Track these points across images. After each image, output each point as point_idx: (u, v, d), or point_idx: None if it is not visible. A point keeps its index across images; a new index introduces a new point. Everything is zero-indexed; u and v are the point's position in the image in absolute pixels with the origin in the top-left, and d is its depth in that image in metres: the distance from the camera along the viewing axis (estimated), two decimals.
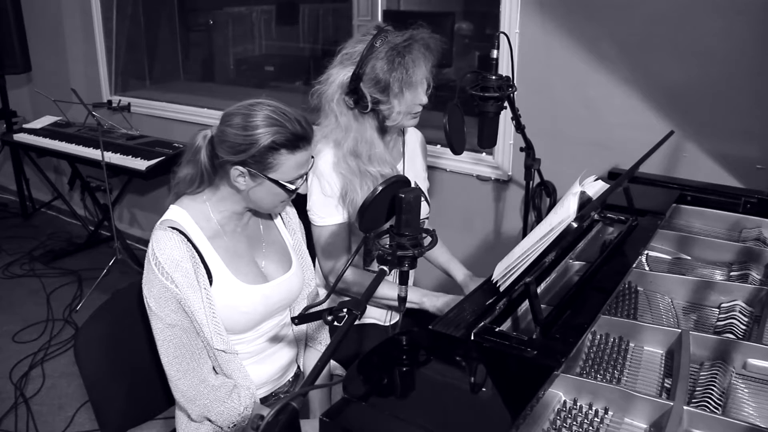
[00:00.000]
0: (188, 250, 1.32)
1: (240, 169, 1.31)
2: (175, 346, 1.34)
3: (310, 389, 0.91)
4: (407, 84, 1.58)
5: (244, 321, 1.41)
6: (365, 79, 1.59)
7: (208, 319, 1.34)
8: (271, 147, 1.29)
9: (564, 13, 2.21)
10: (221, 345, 1.36)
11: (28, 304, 3.32)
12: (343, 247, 1.70)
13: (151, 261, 1.32)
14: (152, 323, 1.35)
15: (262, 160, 1.30)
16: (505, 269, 1.28)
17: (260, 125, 1.28)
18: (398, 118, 1.63)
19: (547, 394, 1.03)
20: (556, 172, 2.13)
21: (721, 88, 1.98)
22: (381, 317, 1.84)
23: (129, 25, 3.99)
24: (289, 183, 1.34)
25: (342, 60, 1.63)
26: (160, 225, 1.35)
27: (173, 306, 1.32)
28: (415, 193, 1.10)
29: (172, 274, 1.30)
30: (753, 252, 1.51)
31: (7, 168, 4.43)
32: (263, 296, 1.42)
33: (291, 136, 1.30)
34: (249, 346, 1.45)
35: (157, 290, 1.31)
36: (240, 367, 1.41)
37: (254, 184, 1.33)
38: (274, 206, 1.42)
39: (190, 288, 1.32)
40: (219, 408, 1.37)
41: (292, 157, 1.31)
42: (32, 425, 2.44)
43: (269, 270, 1.47)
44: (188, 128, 3.56)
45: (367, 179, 1.63)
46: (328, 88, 1.64)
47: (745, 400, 1.06)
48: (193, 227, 1.36)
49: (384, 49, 1.57)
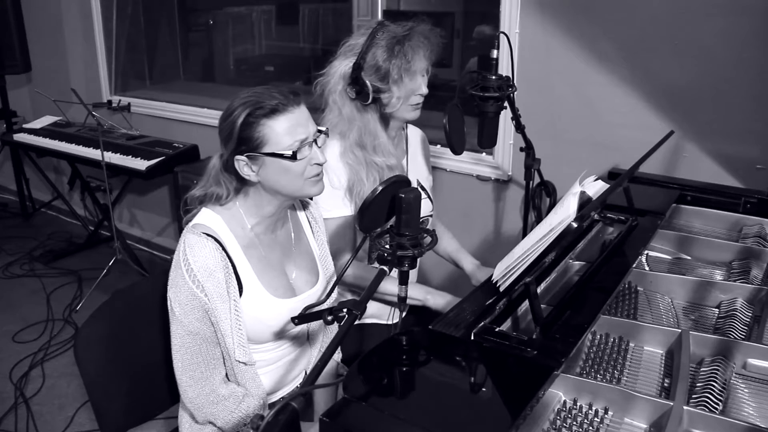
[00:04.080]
0: (222, 260, 1.29)
1: (240, 158, 1.29)
2: (191, 354, 1.32)
3: (310, 389, 0.91)
4: (406, 71, 1.61)
5: (268, 333, 1.39)
6: (366, 68, 1.61)
7: (233, 331, 1.31)
8: (248, 122, 1.26)
9: (564, 13, 2.21)
10: (243, 357, 1.33)
11: (28, 304, 3.32)
12: (349, 240, 1.70)
13: (182, 266, 1.27)
14: (172, 327, 1.32)
15: (250, 138, 1.27)
16: (505, 269, 1.28)
17: (236, 108, 1.28)
18: (397, 104, 1.65)
19: (547, 394, 1.03)
20: (556, 172, 2.13)
21: (721, 88, 1.98)
22: (384, 315, 1.84)
23: (129, 25, 3.99)
24: (288, 150, 1.28)
25: (344, 52, 1.66)
26: (193, 229, 1.30)
27: (199, 314, 1.29)
28: (415, 193, 1.10)
29: (203, 282, 1.27)
30: (753, 251, 1.51)
31: (7, 168, 4.43)
32: (290, 310, 1.38)
33: (266, 105, 1.27)
34: (266, 354, 1.43)
35: (185, 296, 1.28)
36: (254, 377, 1.38)
37: (259, 168, 1.30)
38: (300, 186, 1.32)
39: (219, 298, 1.29)
40: (226, 417, 1.36)
41: (275, 123, 1.27)
42: (32, 425, 2.44)
43: (299, 283, 1.45)
44: (188, 128, 3.56)
45: (373, 170, 1.66)
46: (331, 79, 1.67)
47: (745, 400, 1.06)
48: (227, 235, 1.33)
49: (385, 38, 1.61)
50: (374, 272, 1.11)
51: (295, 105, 1.30)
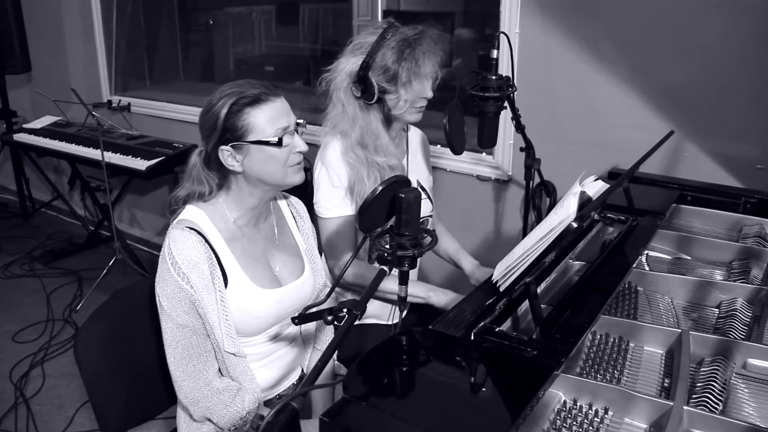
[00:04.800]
0: (206, 252, 1.31)
1: (224, 148, 1.31)
2: (183, 347, 1.33)
3: (310, 389, 0.91)
4: (416, 74, 1.62)
5: (255, 324, 1.41)
6: (374, 68, 1.61)
7: (221, 322, 1.33)
8: (232, 111, 1.30)
9: (564, 13, 2.21)
10: (232, 348, 1.35)
11: (28, 304, 3.32)
12: (349, 240, 1.70)
13: (167, 260, 1.30)
14: (162, 322, 1.34)
15: (234, 128, 1.30)
16: (505, 269, 1.28)
17: (218, 100, 1.31)
18: (404, 107, 1.65)
19: (547, 394, 1.03)
20: (556, 172, 2.13)
21: (721, 88, 1.98)
22: (384, 315, 1.84)
23: (129, 25, 3.99)
24: (272, 138, 1.31)
25: (353, 49, 1.67)
26: (177, 224, 1.33)
27: (186, 307, 1.31)
28: (415, 193, 1.10)
29: (188, 274, 1.29)
30: (753, 251, 1.51)
31: (7, 168, 4.43)
32: (277, 300, 1.42)
33: (247, 95, 1.30)
34: (257, 348, 1.45)
35: (171, 290, 1.30)
36: (247, 370, 1.40)
37: (243, 157, 1.32)
38: (283, 174, 1.35)
39: (205, 290, 1.31)
40: (222, 411, 1.37)
41: (258, 112, 1.30)
42: (32, 425, 2.44)
43: (283, 275, 1.47)
44: (188, 128, 3.56)
45: (374, 170, 1.66)
46: (337, 76, 1.67)
47: (745, 400, 1.06)
48: (210, 228, 1.35)
49: (395, 40, 1.61)
50: (374, 271, 1.11)
51: (276, 96, 1.34)
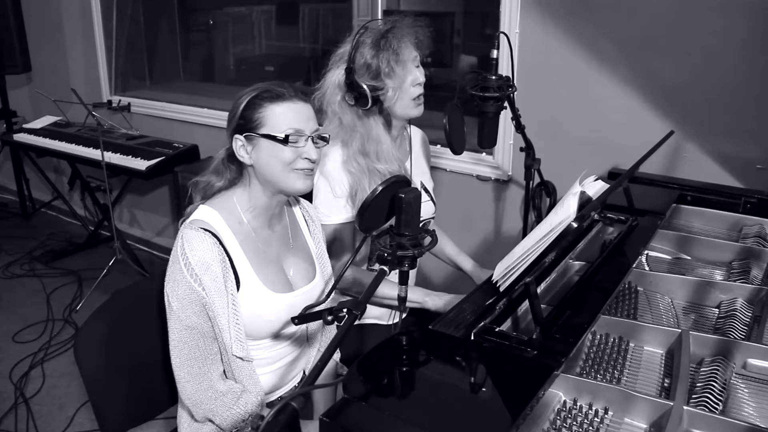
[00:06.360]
0: (219, 254, 1.30)
1: (238, 137, 1.32)
2: (189, 349, 1.32)
3: (310, 389, 0.91)
4: (396, 61, 1.60)
5: (266, 328, 1.39)
6: (358, 71, 1.60)
7: (231, 325, 1.31)
8: (252, 102, 1.32)
9: (564, 13, 2.21)
10: (240, 352, 1.33)
11: (28, 304, 3.32)
12: (348, 246, 1.70)
13: (180, 260, 1.28)
14: (170, 322, 1.33)
15: (249, 119, 1.32)
16: (505, 269, 1.28)
17: (245, 92, 1.34)
18: (394, 97, 1.63)
19: (547, 394, 1.03)
20: (556, 172, 2.12)
21: (721, 88, 1.98)
22: (384, 316, 1.84)
23: (129, 25, 3.99)
24: (281, 134, 1.30)
25: (335, 62, 1.68)
26: (191, 224, 1.31)
27: (196, 308, 1.30)
28: (415, 193, 1.10)
29: (201, 276, 1.28)
30: (753, 251, 1.51)
31: (7, 168, 4.43)
32: (288, 305, 1.39)
33: (271, 90, 1.32)
34: (265, 352, 1.43)
35: (183, 291, 1.29)
36: (252, 374, 1.38)
37: (253, 149, 1.32)
38: (286, 175, 1.33)
39: (217, 292, 1.29)
40: (224, 413, 1.35)
41: (276, 107, 1.31)
42: (32, 425, 2.44)
43: (296, 279, 1.45)
44: (188, 128, 3.56)
45: (376, 177, 1.64)
46: (327, 90, 1.67)
47: (745, 400, 1.06)
48: (224, 229, 1.34)
49: (369, 37, 1.61)
50: (371, 276, 1.10)
51: (301, 100, 1.34)
